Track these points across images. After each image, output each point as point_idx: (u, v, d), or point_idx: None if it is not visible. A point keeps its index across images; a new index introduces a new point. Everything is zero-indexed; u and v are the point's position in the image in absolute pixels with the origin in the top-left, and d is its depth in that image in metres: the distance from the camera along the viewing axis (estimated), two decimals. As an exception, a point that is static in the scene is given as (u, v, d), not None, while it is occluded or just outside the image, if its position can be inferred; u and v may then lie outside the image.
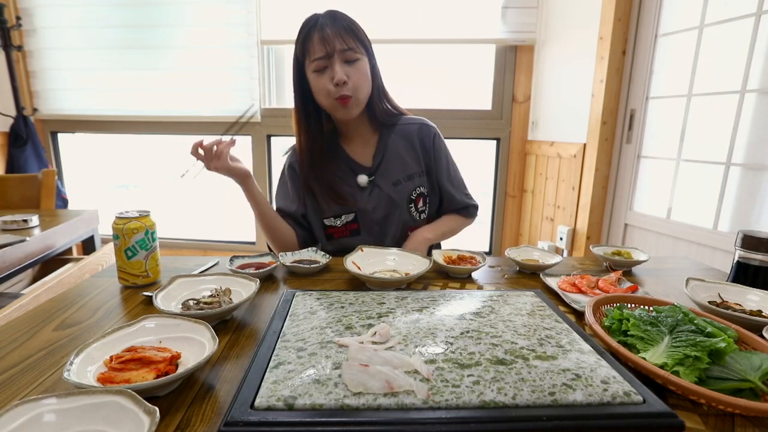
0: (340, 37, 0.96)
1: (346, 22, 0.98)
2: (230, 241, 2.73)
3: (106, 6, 2.39)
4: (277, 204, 1.15)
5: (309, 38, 0.97)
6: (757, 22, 1.42)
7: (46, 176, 1.90)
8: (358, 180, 1.10)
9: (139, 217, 0.77)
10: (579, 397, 0.42)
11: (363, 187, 1.10)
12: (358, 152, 1.12)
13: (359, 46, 0.99)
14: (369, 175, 1.10)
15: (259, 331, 0.62)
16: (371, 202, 1.09)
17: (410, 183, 1.11)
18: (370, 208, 1.09)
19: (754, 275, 0.76)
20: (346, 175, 1.10)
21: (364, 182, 1.10)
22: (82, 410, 0.38)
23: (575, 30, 2.03)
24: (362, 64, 1.00)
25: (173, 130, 2.57)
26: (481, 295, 0.69)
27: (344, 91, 0.97)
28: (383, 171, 1.10)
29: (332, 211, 1.10)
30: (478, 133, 2.37)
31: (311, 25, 0.97)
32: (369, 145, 1.13)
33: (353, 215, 1.10)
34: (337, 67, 0.96)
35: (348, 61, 0.98)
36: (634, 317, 0.57)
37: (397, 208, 1.09)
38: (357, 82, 0.99)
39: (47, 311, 0.68)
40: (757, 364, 0.47)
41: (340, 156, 1.11)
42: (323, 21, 0.97)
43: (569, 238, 2.12)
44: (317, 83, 0.99)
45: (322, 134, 1.09)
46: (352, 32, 0.98)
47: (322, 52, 0.96)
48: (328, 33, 0.95)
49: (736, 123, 1.49)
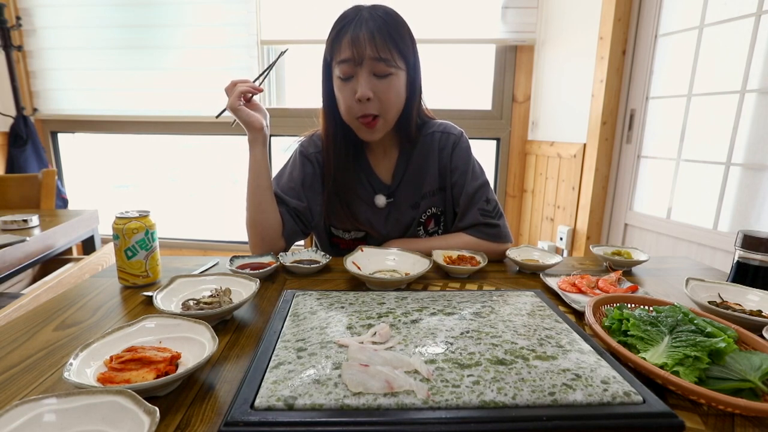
0: (374, 44, 0.81)
1: (387, 24, 0.83)
2: (230, 241, 2.73)
3: (106, 6, 2.39)
4: (275, 188, 1.00)
5: (339, 37, 0.84)
6: (757, 22, 1.42)
7: (46, 176, 1.90)
8: (376, 201, 1.01)
9: (139, 217, 0.77)
10: (579, 397, 0.42)
11: (379, 208, 1.01)
12: (379, 165, 1.02)
13: (397, 58, 0.84)
14: (388, 195, 1.01)
15: (259, 331, 0.62)
16: (387, 227, 1.02)
17: (424, 203, 1.01)
18: (384, 233, 1.02)
19: (754, 275, 0.76)
20: (365, 193, 1.01)
21: (383, 204, 1.01)
22: (82, 410, 0.38)
23: (575, 30, 2.03)
24: (395, 80, 0.86)
25: (173, 130, 2.57)
26: (481, 295, 0.69)
27: (368, 109, 0.85)
28: (402, 191, 1.01)
29: (342, 225, 1.03)
30: (478, 133, 2.37)
31: (346, 22, 0.84)
32: (390, 159, 1.02)
33: (364, 234, 1.03)
34: (362, 80, 0.83)
35: (378, 74, 0.84)
36: (634, 317, 0.57)
37: (408, 230, 1.03)
38: (386, 102, 0.86)
39: (47, 311, 0.68)
40: (757, 364, 0.47)
41: (362, 167, 1.01)
42: (360, 19, 0.82)
43: (569, 238, 2.12)
44: (339, 93, 0.88)
45: (347, 143, 0.97)
46: (392, 39, 0.83)
47: (348, 54, 0.82)
48: (361, 36, 0.81)
49: (736, 123, 1.49)
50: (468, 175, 1.00)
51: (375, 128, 0.89)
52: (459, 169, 1.00)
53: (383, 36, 0.82)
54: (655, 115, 1.82)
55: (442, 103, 2.43)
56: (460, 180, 1.00)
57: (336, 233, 1.05)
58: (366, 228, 1.01)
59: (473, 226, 0.98)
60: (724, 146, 1.54)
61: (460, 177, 1.00)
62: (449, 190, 1.02)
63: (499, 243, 0.97)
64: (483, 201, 0.98)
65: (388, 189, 1.02)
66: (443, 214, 1.05)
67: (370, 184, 1.02)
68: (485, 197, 0.99)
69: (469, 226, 0.98)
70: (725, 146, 1.53)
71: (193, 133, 2.58)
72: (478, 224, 0.97)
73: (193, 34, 2.37)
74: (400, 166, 1.01)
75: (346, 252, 0.86)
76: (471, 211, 0.98)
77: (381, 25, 0.83)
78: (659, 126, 1.80)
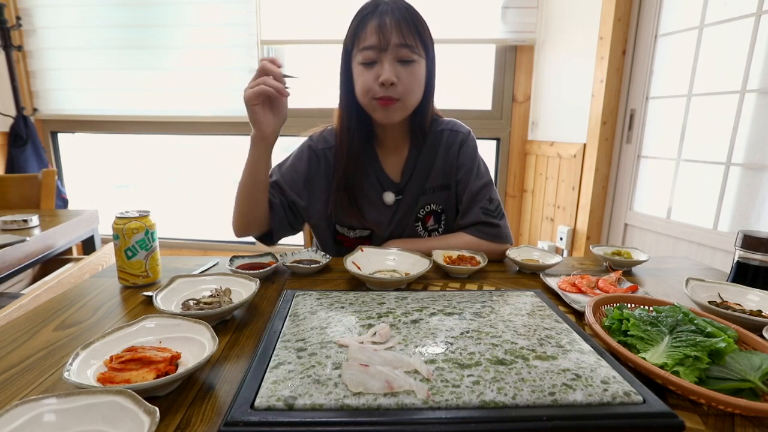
0: (399, 31, 0.83)
1: (411, 15, 0.85)
2: (230, 241, 2.73)
3: (106, 6, 2.39)
4: (276, 176, 1.00)
5: (363, 25, 0.85)
6: (757, 22, 1.42)
7: (46, 176, 1.90)
8: (385, 198, 1.01)
9: (139, 217, 0.77)
10: (579, 397, 0.42)
11: (388, 205, 1.01)
12: (389, 162, 1.01)
13: (419, 46, 0.86)
14: (396, 193, 1.01)
15: (259, 331, 0.62)
16: (392, 225, 1.02)
17: (423, 198, 1.01)
18: (390, 231, 1.02)
19: (754, 275, 0.76)
20: (373, 190, 1.01)
21: (391, 201, 1.01)
22: (82, 410, 0.38)
23: (575, 30, 2.03)
24: (417, 68, 0.88)
25: (173, 130, 2.57)
26: (481, 295, 0.69)
27: (390, 93, 0.85)
28: (411, 188, 1.01)
29: (348, 222, 1.02)
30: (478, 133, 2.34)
31: (369, 11, 0.86)
32: (400, 156, 1.02)
33: (369, 232, 1.03)
34: (386, 65, 0.84)
35: (402, 60, 0.85)
36: (634, 317, 0.57)
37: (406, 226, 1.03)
38: (408, 87, 0.87)
39: (47, 311, 0.68)
40: (757, 364, 0.47)
41: (371, 163, 1.01)
42: (384, 8, 0.84)
43: (569, 238, 2.12)
44: (360, 77, 0.87)
45: (360, 137, 0.96)
46: (415, 28, 0.85)
47: (374, 41, 0.83)
48: (387, 22, 0.83)
49: (736, 123, 1.49)
50: (473, 173, 1.00)
51: (392, 107, 0.88)
52: (465, 166, 1.01)
53: (408, 24, 0.84)
54: (655, 115, 1.82)
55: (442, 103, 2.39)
56: (465, 177, 1.00)
57: (341, 231, 1.04)
58: (372, 225, 1.01)
59: (474, 224, 0.97)
60: (724, 146, 1.54)
61: (465, 175, 1.00)
62: (454, 187, 1.02)
63: (499, 243, 0.97)
64: (486, 200, 0.98)
65: (396, 186, 1.01)
66: (444, 212, 1.05)
67: (378, 182, 1.01)
68: (488, 196, 0.99)
69: (470, 224, 0.98)
70: (725, 146, 1.53)
71: (193, 133, 2.58)
72: (479, 223, 0.97)
73: (193, 34, 2.37)
74: (409, 163, 1.01)
75: (349, 251, 0.86)
76: (473, 209, 0.98)
77: (405, 14, 0.85)
78: (659, 126, 1.80)
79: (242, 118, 2.43)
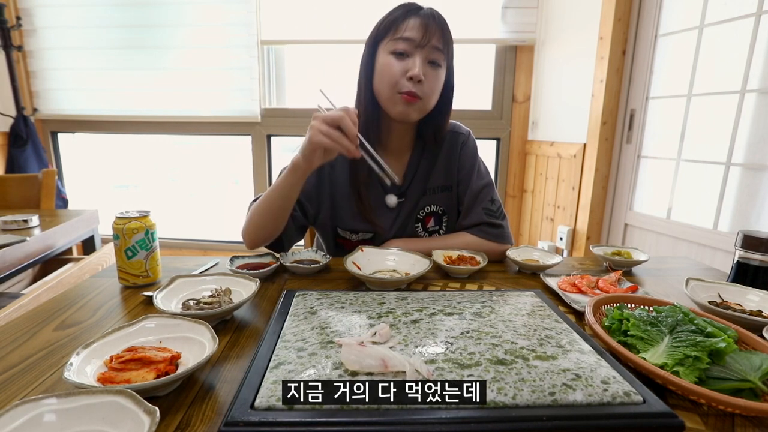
0: (440, 35, 0.87)
1: (447, 27, 0.89)
2: (230, 241, 2.73)
3: (106, 6, 2.39)
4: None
5: (404, 18, 0.87)
6: (757, 22, 1.42)
7: (46, 176, 1.90)
8: (387, 201, 1.00)
9: (139, 217, 0.77)
10: (579, 397, 0.42)
11: (390, 208, 1.01)
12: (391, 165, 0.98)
13: (447, 56, 0.90)
14: (399, 195, 1.01)
15: (259, 331, 0.62)
16: (395, 228, 1.01)
17: (424, 199, 1.01)
18: (392, 234, 1.02)
19: (754, 275, 0.76)
20: (376, 192, 1.00)
21: (393, 204, 1.01)
22: (82, 410, 0.38)
23: (575, 30, 2.03)
24: (442, 73, 0.91)
25: (173, 130, 2.58)
26: (481, 295, 0.69)
27: (417, 89, 0.87)
28: (413, 191, 1.01)
29: (351, 226, 1.01)
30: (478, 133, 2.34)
31: (411, 9, 0.89)
32: (402, 159, 1.02)
33: (372, 235, 1.02)
34: (418, 61, 0.86)
35: (432, 62, 0.88)
36: (634, 317, 0.57)
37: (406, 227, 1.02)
38: (431, 89, 0.89)
39: (47, 311, 0.68)
40: (757, 364, 0.47)
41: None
42: (428, 12, 0.88)
43: (569, 238, 2.12)
44: (389, 66, 0.87)
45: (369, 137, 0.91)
46: (448, 39, 0.90)
47: (415, 35, 0.85)
48: (431, 23, 0.86)
49: (736, 123, 1.49)
50: (474, 173, 1.01)
51: (414, 105, 0.89)
52: (465, 167, 1.01)
53: (445, 31, 0.89)
54: (655, 115, 1.82)
55: (442, 103, 2.43)
56: (466, 178, 1.01)
57: (342, 234, 1.04)
58: (375, 228, 1.01)
59: (477, 225, 0.98)
60: (724, 146, 1.54)
61: (465, 175, 1.01)
62: (455, 188, 1.03)
63: (500, 243, 0.97)
64: (488, 200, 0.99)
65: (398, 189, 1.02)
66: (445, 213, 1.05)
67: (380, 184, 1.01)
68: (490, 197, 1.00)
69: (472, 224, 0.98)
70: (725, 146, 1.53)
71: (193, 133, 2.58)
72: (481, 223, 0.98)
73: (193, 34, 2.37)
74: (411, 166, 1.02)
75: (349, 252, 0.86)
76: (475, 209, 0.99)
77: (443, 24, 0.89)
78: (659, 126, 1.80)
79: (242, 118, 2.43)
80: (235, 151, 2.76)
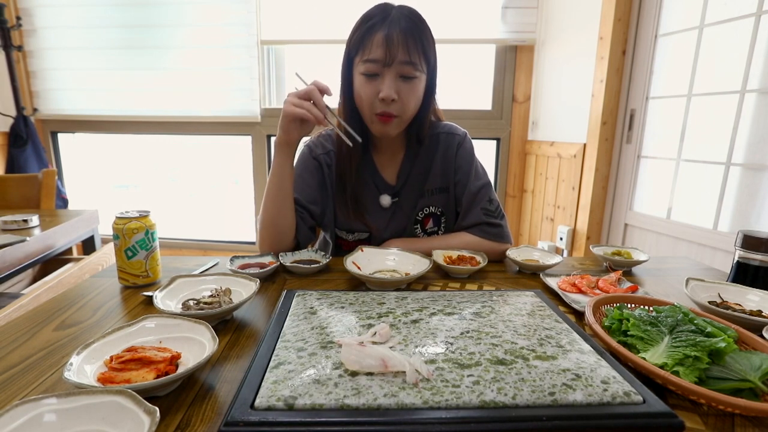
0: (406, 47, 0.83)
1: (418, 28, 0.84)
2: (230, 241, 2.73)
3: (106, 6, 2.39)
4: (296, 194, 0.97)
5: (369, 34, 0.84)
6: (757, 22, 1.42)
7: (46, 176, 1.90)
8: (381, 201, 1.01)
9: (139, 217, 0.77)
10: (579, 397, 0.42)
11: (385, 208, 1.02)
12: (384, 166, 1.02)
13: (422, 62, 0.86)
14: (393, 195, 1.02)
15: (259, 331, 0.62)
16: (390, 227, 1.02)
17: (422, 201, 1.02)
18: (388, 234, 1.03)
19: (754, 275, 0.76)
20: (370, 192, 1.02)
21: (387, 204, 1.01)
22: (82, 410, 0.38)
23: (575, 30, 2.03)
24: (418, 83, 0.88)
25: (173, 130, 2.57)
26: (481, 295, 0.69)
27: (390, 108, 0.87)
28: (407, 191, 1.02)
29: (346, 225, 1.03)
30: (478, 133, 2.37)
31: (377, 21, 0.84)
32: (395, 160, 1.03)
33: (367, 235, 1.03)
34: (388, 82, 0.84)
35: (404, 76, 0.86)
36: (634, 317, 0.57)
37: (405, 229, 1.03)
38: (406, 102, 0.88)
39: (47, 311, 0.68)
40: (757, 364, 0.47)
41: (367, 168, 1.02)
42: (392, 19, 0.83)
43: (569, 238, 2.12)
44: (362, 89, 0.88)
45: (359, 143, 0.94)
46: (421, 43, 0.85)
47: (378, 56, 0.83)
48: (394, 37, 0.82)
49: (736, 123, 1.49)
50: (471, 174, 1.01)
51: (390, 124, 0.90)
52: (462, 168, 1.01)
53: (414, 39, 0.84)
54: (655, 115, 1.82)
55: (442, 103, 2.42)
56: (463, 179, 1.01)
57: (339, 234, 1.05)
58: (370, 228, 1.02)
59: (476, 225, 0.98)
60: (724, 146, 1.54)
61: (463, 176, 1.01)
62: (452, 189, 1.03)
63: (500, 243, 0.98)
64: (486, 201, 0.99)
65: (392, 189, 1.03)
66: (443, 214, 1.05)
67: (374, 185, 1.02)
68: (488, 197, 1.00)
69: (471, 225, 0.99)
70: (725, 146, 1.53)
71: (193, 133, 2.58)
72: (480, 223, 0.98)
73: (193, 34, 2.37)
74: (405, 166, 1.02)
75: (347, 252, 0.86)
76: (474, 210, 0.99)
77: (412, 27, 0.84)
78: (659, 126, 1.80)
79: (242, 118, 2.43)
80: (235, 151, 2.76)
